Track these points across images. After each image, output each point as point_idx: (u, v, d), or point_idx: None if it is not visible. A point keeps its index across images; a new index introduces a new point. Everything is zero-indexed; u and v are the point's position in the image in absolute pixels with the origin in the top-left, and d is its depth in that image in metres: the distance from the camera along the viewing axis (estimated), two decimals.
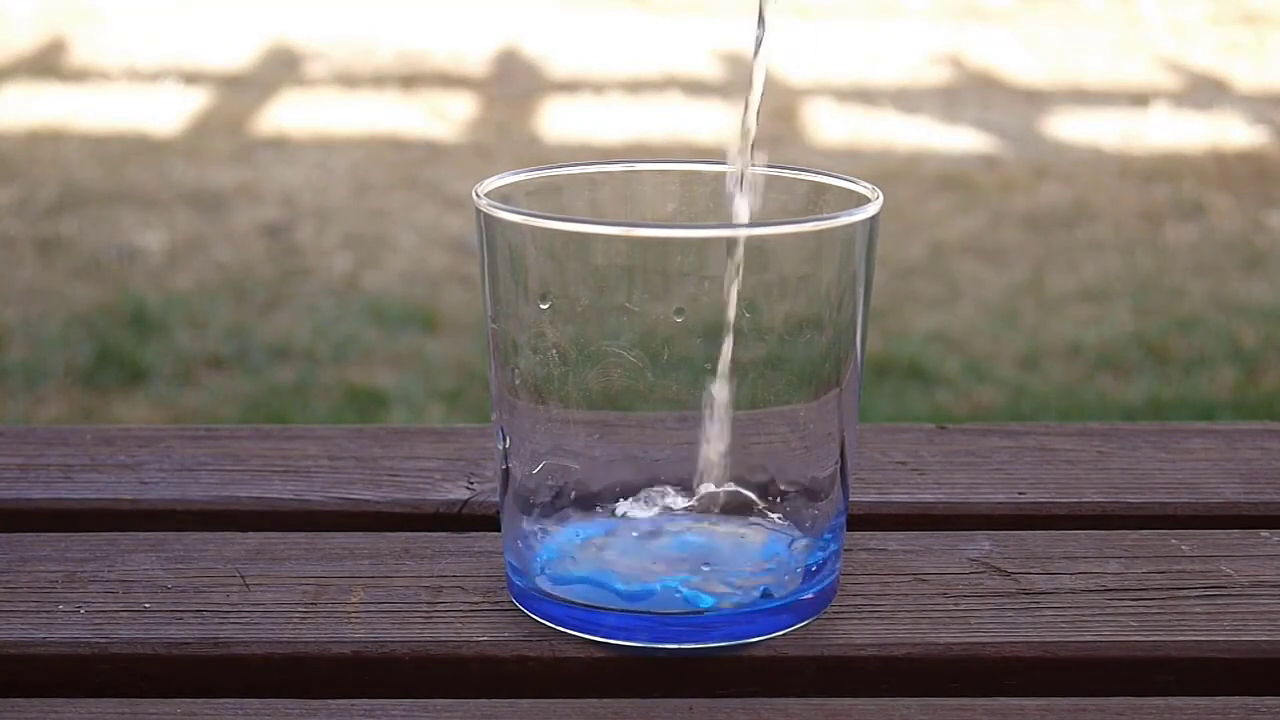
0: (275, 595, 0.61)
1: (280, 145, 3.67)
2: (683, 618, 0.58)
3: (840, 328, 0.59)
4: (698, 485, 0.58)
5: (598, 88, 4.19)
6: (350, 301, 2.68)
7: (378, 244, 3.00)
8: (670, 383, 0.58)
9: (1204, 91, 4.29)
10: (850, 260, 0.58)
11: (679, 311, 0.57)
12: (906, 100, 4.12)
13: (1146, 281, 2.84)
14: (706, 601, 0.57)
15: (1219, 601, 0.61)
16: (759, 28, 0.59)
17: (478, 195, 0.59)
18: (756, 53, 0.59)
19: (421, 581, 0.62)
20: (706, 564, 0.58)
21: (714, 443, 0.57)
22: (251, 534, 0.66)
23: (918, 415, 2.22)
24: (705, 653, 0.58)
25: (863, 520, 0.66)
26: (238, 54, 4.52)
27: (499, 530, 0.61)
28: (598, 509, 0.58)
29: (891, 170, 3.45)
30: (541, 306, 0.57)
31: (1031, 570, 0.63)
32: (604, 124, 3.88)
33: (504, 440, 0.59)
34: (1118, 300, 2.74)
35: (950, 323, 2.62)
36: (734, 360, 0.57)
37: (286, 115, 3.93)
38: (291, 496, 0.70)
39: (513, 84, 4.28)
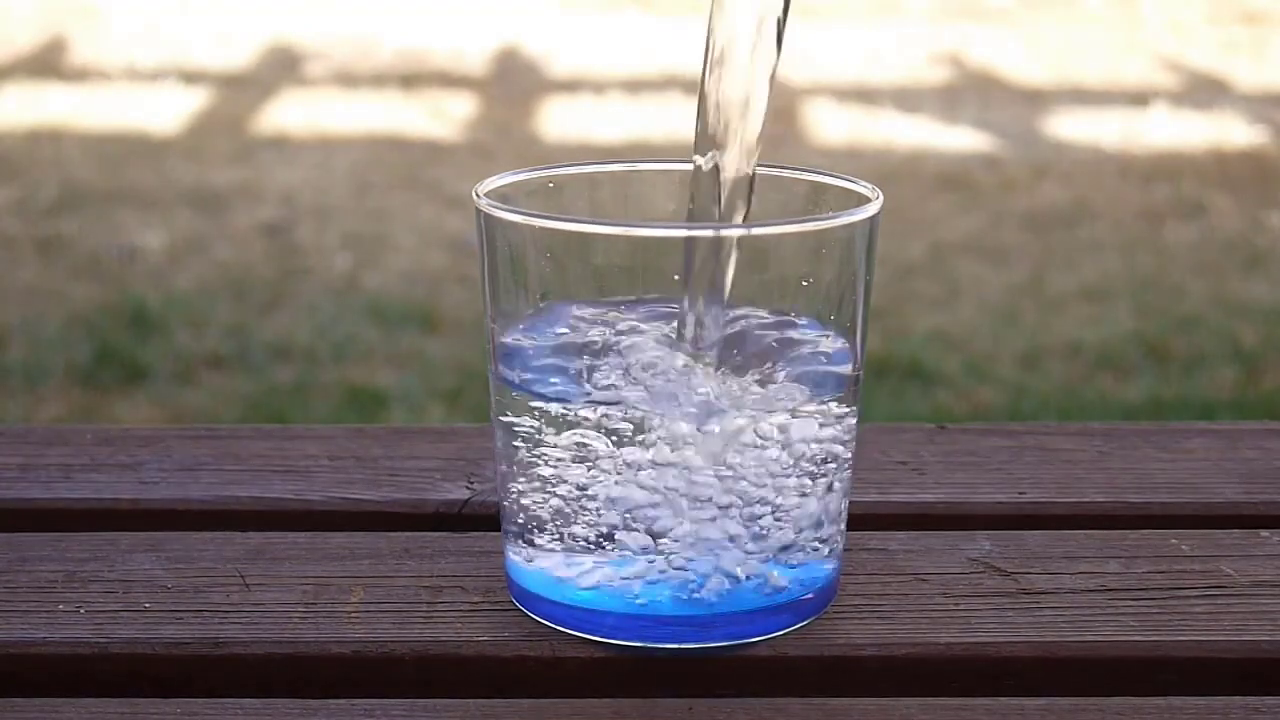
0: (275, 595, 0.61)
1: (280, 145, 3.67)
2: (683, 617, 0.58)
3: (840, 328, 0.59)
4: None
5: (598, 88, 4.19)
6: (350, 301, 2.68)
7: (378, 244, 3.00)
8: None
9: (1204, 91, 4.29)
10: (850, 260, 0.58)
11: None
12: (906, 100, 4.12)
13: (1146, 281, 2.84)
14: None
15: (1219, 601, 0.61)
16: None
17: (478, 195, 0.59)
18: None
19: (421, 581, 0.62)
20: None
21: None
22: (251, 534, 0.66)
23: (918, 415, 2.22)
24: (705, 653, 0.58)
25: (863, 520, 0.66)
26: (238, 54, 4.52)
27: (499, 530, 0.61)
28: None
29: (891, 170, 3.45)
30: (541, 306, 0.57)
31: (1031, 570, 0.63)
32: (604, 124, 3.88)
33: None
34: (1118, 300, 2.74)
35: (950, 323, 2.62)
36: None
37: (286, 115, 3.93)
38: (291, 496, 0.70)
39: (513, 84, 4.28)
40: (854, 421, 0.60)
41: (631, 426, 0.56)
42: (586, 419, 0.56)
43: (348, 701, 0.56)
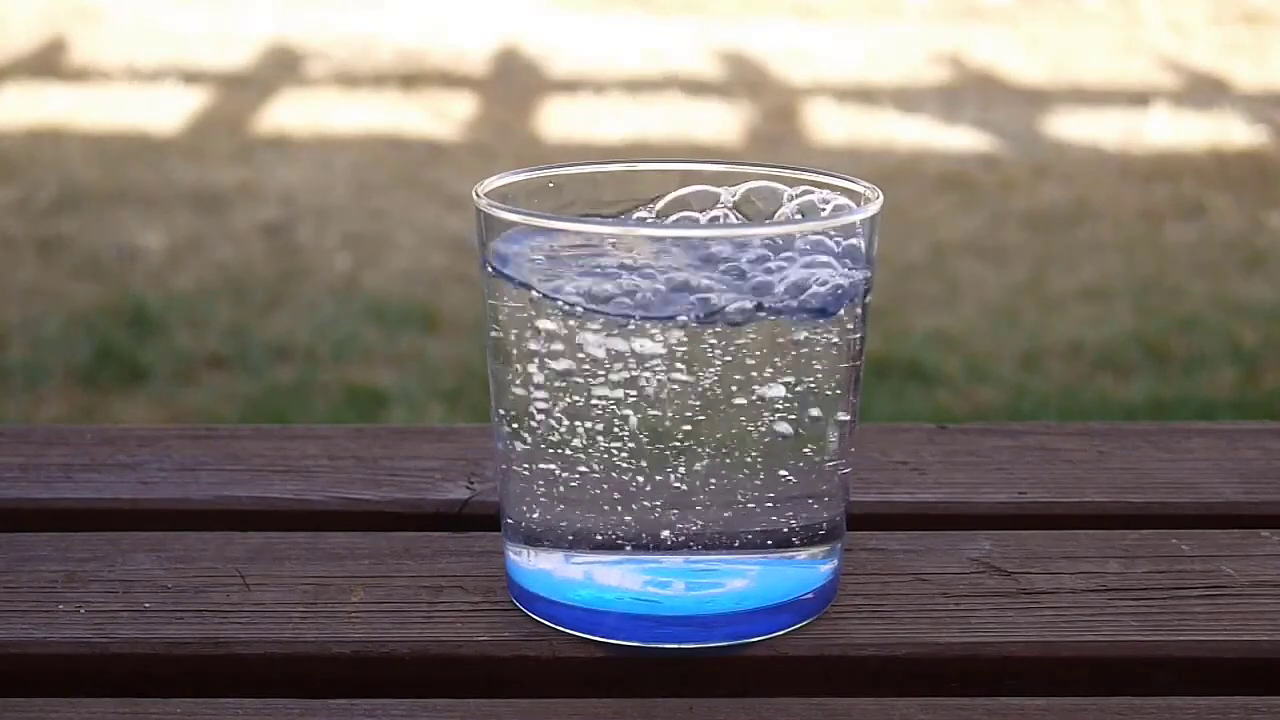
0: (275, 595, 0.61)
1: (280, 145, 3.67)
2: (683, 617, 0.58)
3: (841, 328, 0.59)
4: None
5: (598, 88, 4.19)
6: (350, 301, 2.68)
7: (378, 244, 3.00)
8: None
9: (1204, 91, 4.29)
10: (850, 260, 0.58)
11: None
12: (906, 100, 4.12)
13: (1146, 281, 2.84)
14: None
15: (1219, 601, 0.61)
16: None
17: (478, 195, 0.59)
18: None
19: (421, 581, 0.62)
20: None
21: None
22: (251, 534, 0.66)
23: (918, 415, 2.22)
24: (705, 653, 0.58)
25: (863, 520, 0.66)
26: (238, 54, 4.52)
27: (499, 530, 0.61)
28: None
29: (891, 170, 3.45)
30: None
31: (1031, 570, 0.63)
32: (604, 124, 3.88)
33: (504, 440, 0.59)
34: (1118, 300, 2.74)
35: (950, 323, 2.62)
36: None
37: (286, 115, 3.93)
38: (291, 496, 0.70)
39: (513, 84, 4.28)
40: (849, 417, 0.60)
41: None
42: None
43: (348, 701, 0.56)
